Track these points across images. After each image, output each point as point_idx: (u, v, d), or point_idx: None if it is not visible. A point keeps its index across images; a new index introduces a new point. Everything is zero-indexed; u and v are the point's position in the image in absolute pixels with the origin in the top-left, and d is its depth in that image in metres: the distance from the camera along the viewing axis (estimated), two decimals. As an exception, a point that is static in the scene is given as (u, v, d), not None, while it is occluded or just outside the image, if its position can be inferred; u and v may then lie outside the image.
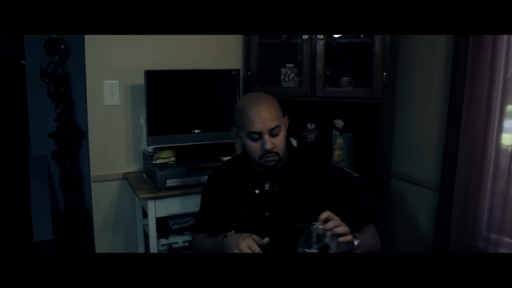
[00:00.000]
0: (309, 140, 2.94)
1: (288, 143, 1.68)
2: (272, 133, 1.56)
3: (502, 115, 2.22)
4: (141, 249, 2.72)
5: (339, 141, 2.84)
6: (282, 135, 1.60)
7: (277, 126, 1.57)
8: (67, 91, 4.11)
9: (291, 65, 2.76)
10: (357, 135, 2.85)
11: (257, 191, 1.65)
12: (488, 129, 2.25)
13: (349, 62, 2.84)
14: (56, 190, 4.46)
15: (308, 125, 2.95)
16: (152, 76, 2.41)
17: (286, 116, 1.66)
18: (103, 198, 2.71)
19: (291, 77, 2.75)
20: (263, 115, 1.55)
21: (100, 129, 2.64)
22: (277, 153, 1.58)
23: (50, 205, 4.14)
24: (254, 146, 1.58)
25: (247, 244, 1.43)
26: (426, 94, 2.63)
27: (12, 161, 4.79)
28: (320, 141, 2.93)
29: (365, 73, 2.66)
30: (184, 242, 2.46)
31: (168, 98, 2.47)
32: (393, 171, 2.88)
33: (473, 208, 2.34)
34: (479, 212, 2.33)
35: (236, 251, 1.43)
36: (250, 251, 1.42)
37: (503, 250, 2.22)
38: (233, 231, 1.58)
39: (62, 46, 4.02)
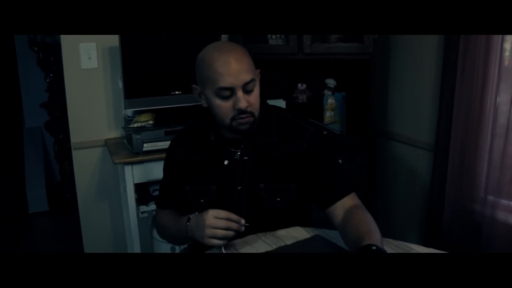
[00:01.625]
0: (300, 101, 2.80)
1: (261, 103, 1.41)
2: (246, 88, 1.31)
3: (501, 69, 2.05)
4: (126, 217, 2.64)
5: (330, 101, 2.70)
6: (256, 91, 1.35)
7: (252, 80, 1.31)
8: (57, 60, 3.99)
9: (278, 22, 2.60)
10: (349, 95, 2.71)
11: (226, 162, 1.43)
12: (485, 85, 2.08)
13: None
14: (52, 161, 4.42)
15: (299, 85, 2.81)
16: (127, 36, 2.28)
17: (258, 70, 1.39)
18: (85, 165, 2.63)
19: (277, 34, 2.60)
20: (235, 67, 1.28)
21: (78, 94, 2.53)
22: (252, 113, 1.34)
23: (44, 176, 4.10)
24: (225, 106, 1.32)
25: (211, 233, 1.24)
26: (421, 48, 2.45)
27: (6, 133, 4.74)
28: (312, 102, 2.79)
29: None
30: (166, 209, 2.36)
31: (145, 59, 2.35)
32: (388, 132, 2.74)
33: (470, 169, 2.19)
34: (476, 174, 2.19)
35: (209, 242, 1.25)
36: (219, 240, 1.24)
37: (501, 213, 2.09)
38: (197, 212, 1.33)
39: (49, 13, 3.89)
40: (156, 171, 2.23)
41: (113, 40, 2.42)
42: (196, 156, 1.46)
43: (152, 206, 2.34)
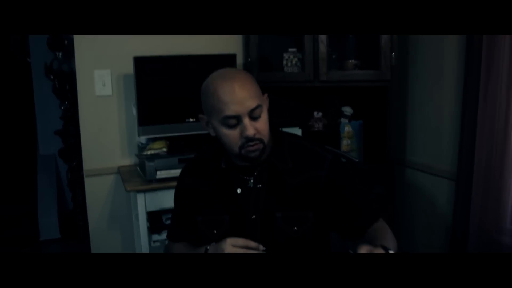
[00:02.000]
0: (316, 129, 2.75)
1: (272, 128, 1.36)
2: (253, 115, 1.26)
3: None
4: (137, 246, 2.58)
5: (347, 129, 2.64)
6: (264, 116, 1.29)
7: (258, 106, 1.26)
8: (72, 88, 4.02)
9: (294, 49, 2.57)
10: (367, 123, 2.65)
11: (239, 190, 1.36)
12: (509, 111, 2.02)
13: (354, 43, 2.62)
14: (65, 188, 4.39)
15: (315, 113, 2.77)
16: (141, 63, 2.28)
17: (266, 94, 1.34)
18: (97, 193, 2.59)
19: (294, 62, 2.57)
20: (239, 94, 1.24)
21: (91, 121, 2.52)
22: (261, 140, 1.28)
23: (56, 203, 4.07)
24: (232, 135, 1.27)
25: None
26: (440, 75, 2.40)
27: (20, 160, 4.75)
28: (328, 130, 2.74)
29: (372, 55, 2.45)
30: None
31: (160, 86, 2.33)
32: (406, 161, 2.66)
33: (495, 198, 2.11)
34: (502, 203, 2.10)
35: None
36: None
37: (529, 245, 1.99)
38: (214, 243, 1.29)
39: (66, 42, 3.93)
40: (169, 199, 2.15)
41: (128, 67, 2.41)
42: (207, 185, 1.40)
43: (165, 235, 2.27)
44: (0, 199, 4.68)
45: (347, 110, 2.72)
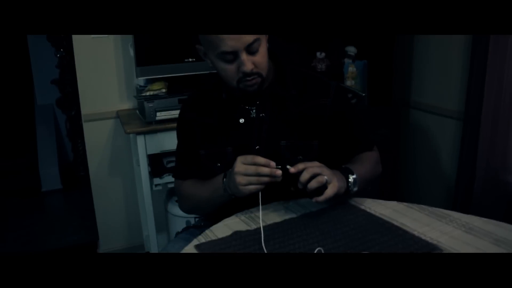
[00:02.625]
0: (319, 70, 2.67)
1: (273, 56, 1.34)
2: (250, 49, 1.21)
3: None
4: (139, 191, 2.56)
5: (351, 69, 2.56)
6: (263, 49, 1.25)
7: (256, 40, 1.20)
8: (68, 35, 3.90)
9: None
10: (371, 63, 2.56)
11: (241, 120, 1.34)
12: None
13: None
14: (64, 139, 4.35)
15: (318, 53, 2.68)
16: None
17: None
18: (97, 138, 2.54)
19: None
20: None
21: (88, 64, 2.43)
22: (259, 74, 1.25)
23: (57, 154, 4.04)
24: (230, 69, 1.24)
25: (245, 180, 1.15)
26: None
27: (18, 111, 4.68)
28: (331, 71, 2.66)
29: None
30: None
31: (157, 24, 2.23)
32: (411, 102, 2.60)
33: (503, 138, 2.06)
34: (509, 142, 2.06)
35: (244, 190, 1.16)
36: (254, 186, 1.15)
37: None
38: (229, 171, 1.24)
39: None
40: (170, 141, 2.13)
41: (123, 6, 2.30)
42: (209, 117, 1.37)
43: (166, 179, 2.24)
44: (0, 152, 4.66)
45: (351, 50, 2.63)
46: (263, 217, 1.20)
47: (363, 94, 1.68)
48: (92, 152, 2.55)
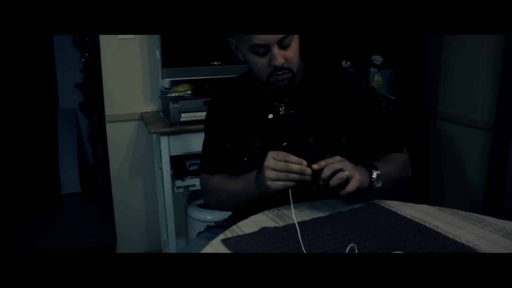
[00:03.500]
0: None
1: (304, 53, 1.33)
2: (282, 44, 1.21)
3: None
4: (159, 194, 2.54)
5: (377, 78, 2.53)
6: (294, 45, 1.25)
7: (288, 35, 1.21)
8: (93, 40, 3.96)
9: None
10: (397, 72, 2.53)
11: (270, 116, 1.33)
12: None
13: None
14: (85, 143, 4.38)
15: (343, 62, 2.65)
16: (166, 1, 2.18)
17: None
18: (119, 140, 2.54)
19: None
20: None
21: (114, 65, 2.45)
22: (290, 69, 1.25)
23: (77, 158, 4.07)
24: (261, 63, 1.24)
25: (274, 175, 1.12)
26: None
27: (41, 114, 4.74)
28: (356, 80, 2.63)
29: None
30: (202, 184, 2.25)
31: (184, 26, 2.24)
32: (438, 112, 2.55)
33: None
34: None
35: (273, 186, 1.13)
36: (283, 182, 1.12)
37: None
38: (254, 172, 1.23)
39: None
40: (193, 142, 2.13)
41: (151, 8, 2.32)
42: (237, 111, 1.36)
43: (188, 181, 2.23)
44: (22, 153, 4.71)
45: (377, 59, 2.60)
46: (290, 216, 1.17)
47: (393, 98, 1.65)
48: (114, 154, 2.55)
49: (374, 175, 1.20)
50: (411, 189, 2.45)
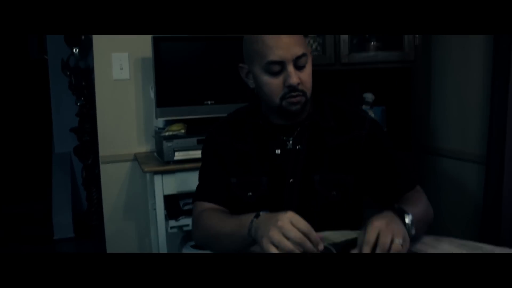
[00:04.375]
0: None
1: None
2: (298, 63, 1.18)
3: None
4: (153, 235, 2.50)
5: (369, 115, 2.56)
6: (309, 68, 1.21)
7: (304, 55, 1.18)
8: (89, 85, 4.01)
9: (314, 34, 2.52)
10: (389, 109, 2.57)
11: (278, 151, 1.28)
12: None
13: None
14: (79, 188, 4.35)
15: (335, 100, 2.69)
16: (160, 42, 2.22)
17: (310, 49, 1.29)
18: (113, 180, 2.53)
19: (314, 46, 2.51)
20: (285, 39, 1.15)
21: (108, 106, 2.47)
22: (304, 93, 1.20)
23: (71, 202, 4.03)
24: (274, 83, 1.19)
25: (277, 239, 0.95)
26: (467, 54, 2.32)
27: (36, 158, 4.74)
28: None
29: (395, 36, 2.38)
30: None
31: (178, 66, 2.27)
32: (431, 147, 2.57)
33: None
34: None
35: (268, 247, 0.96)
36: (290, 249, 0.94)
37: None
38: (264, 212, 1.07)
39: (83, 37, 3.93)
40: (187, 181, 2.11)
41: (146, 50, 2.37)
42: (243, 144, 1.31)
43: (182, 221, 2.20)
44: (15, 197, 4.67)
45: (369, 96, 2.63)
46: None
47: (384, 130, 1.66)
48: (108, 196, 2.53)
49: (408, 221, 1.05)
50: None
